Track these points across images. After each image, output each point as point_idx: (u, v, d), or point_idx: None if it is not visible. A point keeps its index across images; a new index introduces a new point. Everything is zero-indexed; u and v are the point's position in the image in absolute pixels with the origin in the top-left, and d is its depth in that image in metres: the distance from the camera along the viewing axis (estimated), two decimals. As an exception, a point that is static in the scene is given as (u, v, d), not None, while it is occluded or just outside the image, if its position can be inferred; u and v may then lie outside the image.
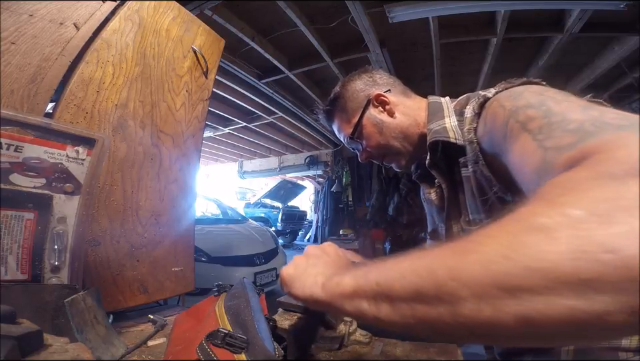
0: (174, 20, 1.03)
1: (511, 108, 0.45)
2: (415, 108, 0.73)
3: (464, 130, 0.59)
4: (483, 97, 0.53)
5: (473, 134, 0.55)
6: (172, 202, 1.02)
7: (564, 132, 0.33)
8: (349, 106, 0.76)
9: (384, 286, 0.29)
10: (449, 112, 0.65)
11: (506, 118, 0.45)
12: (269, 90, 3.64)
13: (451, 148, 0.61)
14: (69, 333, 0.50)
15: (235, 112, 4.69)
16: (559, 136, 0.33)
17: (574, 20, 2.31)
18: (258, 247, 3.64)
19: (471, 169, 0.58)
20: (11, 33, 0.68)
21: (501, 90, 0.52)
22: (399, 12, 2.25)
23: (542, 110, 0.40)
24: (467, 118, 0.58)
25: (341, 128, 0.78)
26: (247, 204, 10.19)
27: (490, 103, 0.52)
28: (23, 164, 0.56)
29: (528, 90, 0.48)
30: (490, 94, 0.53)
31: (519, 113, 0.43)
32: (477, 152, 0.55)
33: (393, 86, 0.75)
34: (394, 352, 0.66)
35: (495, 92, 0.52)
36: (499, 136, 0.47)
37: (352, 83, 0.77)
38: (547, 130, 0.36)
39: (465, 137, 0.58)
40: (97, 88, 0.83)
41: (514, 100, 0.46)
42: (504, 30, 2.47)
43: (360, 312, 0.30)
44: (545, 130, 0.36)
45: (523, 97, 0.46)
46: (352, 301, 0.31)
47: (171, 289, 0.99)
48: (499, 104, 0.49)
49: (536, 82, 0.52)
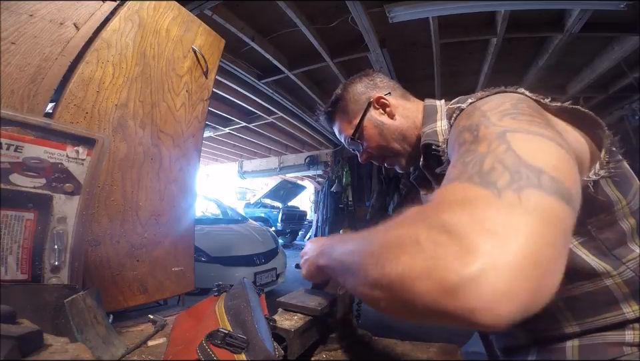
0: (174, 20, 1.03)
1: (462, 126, 0.48)
2: (414, 111, 0.75)
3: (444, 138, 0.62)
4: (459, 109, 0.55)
5: (446, 144, 0.58)
6: (172, 202, 1.02)
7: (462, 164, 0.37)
8: (350, 108, 0.77)
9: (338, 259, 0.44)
10: (441, 115, 0.68)
11: (456, 136, 0.49)
12: (269, 90, 3.64)
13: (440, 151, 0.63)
14: (69, 333, 0.50)
15: (234, 112, 4.68)
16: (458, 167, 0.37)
17: (574, 20, 2.31)
18: (258, 247, 3.64)
19: None
20: (11, 33, 0.68)
21: (474, 100, 0.53)
22: (398, 12, 2.25)
23: (473, 134, 0.43)
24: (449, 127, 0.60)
25: (342, 129, 0.80)
26: (247, 204, 10.18)
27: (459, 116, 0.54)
28: (23, 164, 0.56)
29: (488, 102, 0.50)
30: (465, 105, 0.54)
31: (462, 134, 0.46)
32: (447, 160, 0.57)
33: (393, 89, 0.78)
34: (394, 351, 0.66)
35: (469, 103, 0.54)
36: (450, 150, 0.51)
37: (353, 86, 0.79)
38: (462, 156, 0.40)
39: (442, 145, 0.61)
40: (97, 88, 0.83)
41: (467, 118, 0.49)
42: (504, 30, 2.46)
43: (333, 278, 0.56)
44: (460, 158, 0.40)
45: (473, 116, 0.48)
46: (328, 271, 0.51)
47: (171, 289, 0.99)
48: (458, 121, 0.52)
49: (510, 90, 0.52)
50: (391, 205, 5.07)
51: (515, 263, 0.24)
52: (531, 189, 0.29)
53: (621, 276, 0.51)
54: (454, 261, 0.25)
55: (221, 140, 6.17)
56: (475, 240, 0.25)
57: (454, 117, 0.55)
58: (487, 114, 0.45)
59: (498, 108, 0.46)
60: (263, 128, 5.46)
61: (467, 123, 0.47)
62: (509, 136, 0.37)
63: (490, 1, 2.16)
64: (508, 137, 0.37)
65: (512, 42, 2.75)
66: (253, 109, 4.38)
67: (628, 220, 0.52)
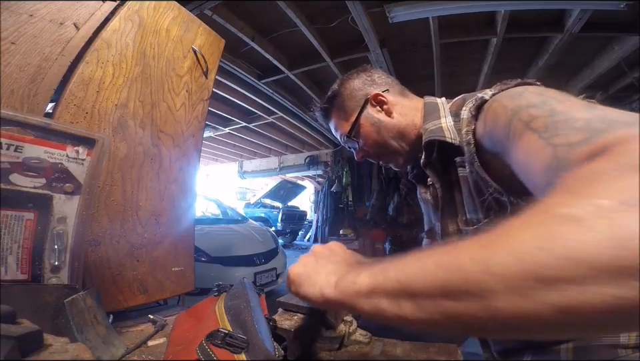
0: (174, 20, 1.03)
1: (513, 108, 0.45)
2: (412, 108, 0.73)
3: (462, 131, 0.59)
4: (480, 99, 0.53)
5: (471, 135, 0.55)
6: (172, 202, 1.02)
7: (572, 129, 0.33)
8: (346, 105, 0.76)
9: (405, 282, 0.28)
10: (444, 112, 0.66)
11: (508, 118, 0.45)
12: (269, 90, 3.64)
13: (447, 147, 0.61)
14: (69, 333, 0.50)
15: (235, 112, 4.69)
16: (567, 134, 0.33)
17: (574, 20, 2.31)
18: (258, 247, 3.64)
19: (468, 169, 0.58)
20: (11, 33, 0.68)
21: (497, 91, 0.52)
22: (398, 12, 2.25)
23: (544, 109, 0.40)
24: (464, 119, 0.58)
25: (338, 126, 0.79)
26: (247, 204, 10.18)
27: (489, 104, 0.52)
28: (23, 164, 0.56)
29: (527, 90, 0.48)
30: (487, 95, 0.52)
31: (522, 112, 0.42)
32: (473, 153, 0.55)
33: (391, 86, 0.76)
34: (394, 352, 0.66)
35: (492, 94, 0.52)
36: (501, 136, 0.47)
37: (350, 82, 0.77)
38: (552, 128, 0.36)
39: (462, 138, 0.58)
40: (97, 88, 0.83)
41: (515, 100, 0.46)
42: (504, 30, 2.47)
43: (379, 310, 0.29)
44: (550, 128, 0.36)
45: (523, 97, 0.46)
46: (370, 299, 0.30)
47: (170, 289, 0.99)
48: (500, 105, 0.49)
49: (531, 82, 0.52)
50: (391, 205, 5.07)
51: None
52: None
53: None
54: None
55: (221, 140, 6.17)
56: None
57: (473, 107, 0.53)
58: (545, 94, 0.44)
59: (548, 92, 0.44)
60: (263, 128, 5.47)
61: (522, 102, 0.44)
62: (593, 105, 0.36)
63: (490, 1, 2.16)
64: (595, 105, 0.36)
65: (512, 42, 2.75)
66: (253, 109, 4.38)
67: None
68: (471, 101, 0.56)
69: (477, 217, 0.60)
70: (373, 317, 0.31)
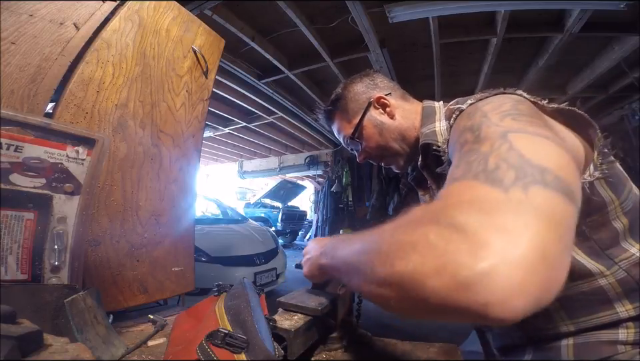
0: (174, 20, 1.03)
1: (463, 126, 0.48)
2: (413, 112, 0.75)
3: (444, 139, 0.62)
4: (458, 110, 0.55)
5: (446, 144, 0.58)
6: (172, 202, 1.02)
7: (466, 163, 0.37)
8: (350, 107, 0.78)
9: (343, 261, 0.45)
10: (439, 116, 0.68)
11: (456, 137, 0.49)
12: (269, 90, 3.64)
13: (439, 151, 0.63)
14: (69, 333, 0.50)
15: (235, 112, 4.68)
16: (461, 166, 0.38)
17: (574, 20, 2.31)
18: (258, 247, 3.64)
19: None
20: (11, 33, 0.68)
21: (474, 102, 0.54)
22: (398, 12, 2.25)
23: (475, 135, 0.43)
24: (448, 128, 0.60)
25: (342, 128, 0.80)
26: (247, 204, 10.18)
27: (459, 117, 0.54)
28: (23, 164, 0.56)
29: (489, 103, 0.50)
30: (465, 105, 0.54)
31: (464, 134, 0.46)
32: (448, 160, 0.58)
33: (393, 89, 0.78)
34: (394, 352, 0.66)
35: (469, 104, 0.54)
36: (452, 150, 0.52)
37: (354, 85, 0.79)
38: (465, 156, 0.40)
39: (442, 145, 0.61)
40: (97, 88, 0.83)
41: (468, 119, 0.49)
42: (504, 30, 2.46)
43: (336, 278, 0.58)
44: (464, 156, 0.40)
45: (475, 117, 0.48)
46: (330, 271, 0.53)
47: (170, 289, 0.99)
48: (458, 121, 0.53)
49: (509, 92, 0.53)
50: (391, 205, 5.07)
51: (526, 258, 0.25)
52: (536, 186, 0.29)
53: (615, 275, 0.52)
54: (466, 257, 0.25)
55: (221, 140, 6.17)
56: (485, 236, 0.26)
57: (453, 118, 0.55)
58: (488, 115, 0.46)
59: (499, 109, 0.46)
60: (263, 128, 5.46)
61: (469, 123, 0.47)
62: (510, 136, 0.37)
63: (490, 1, 2.16)
64: (510, 137, 0.37)
65: (512, 42, 2.75)
66: (253, 109, 4.38)
67: (621, 220, 0.53)
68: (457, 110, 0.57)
69: None
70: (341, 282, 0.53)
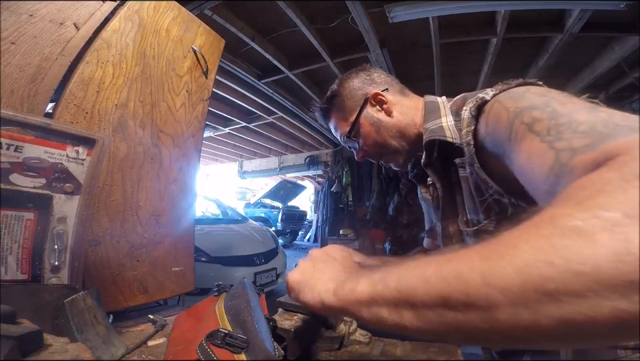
0: (174, 20, 1.03)
1: (514, 110, 0.44)
2: (412, 108, 0.73)
3: (462, 131, 0.58)
4: (481, 99, 0.52)
5: (471, 136, 0.54)
6: (172, 202, 1.02)
7: (575, 133, 0.33)
8: (346, 105, 0.75)
9: (405, 292, 0.28)
10: (445, 111, 0.65)
11: (510, 120, 0.44)
12: (269, 90, 3.64)
13: (447, 147, 0.61)
14: (69, 333, 0.50)
15: (235, 112, 4.69)
16: (570, 138, 0.33)
17: (574, 20, 2.31)
18: (258, 247, 3.64)
19: (468, 170, 0.57)
20: (11, 33, 0.68)
21: (498, 92, 0.51)
22: (398, 12, 2.25)
23: (547, 111, 0.39)
24: (465, 119, 0.57)
25: (338, 126, 0.78)
26: (247, 204, 10.19)
27: (491, 105, 0.51)
28: (23, 164, 0.56)
29: (529, 91, 0.47)
30: (488, 96, 0.52)
31: (524, 114, 0.42)
32: (472, 154, 0.54)
33: (391, 85, 0.75)
34: (394, 351, 0.66)
35: (493, 94, 0.51)
36: (502, 137, 0.46)
37: (350, 81, 0.76)
38: (555, 131, 0.35)
39: (462, 138, 0.57)
40: (97, 88, 0.83)
41: (516, 101, 0.46)
42: (504, 30, 2.47)
43: (379, 319, 0.30)
44: (553, 131, 0.36)
45: (525, 98, 0.45)
46: (369, 308, 0.31)
47: (170, 289, 0.99)
48: (501, 106, 0.48)
49: (532, 82, 0.51)
50: (391, 205, 5.07)
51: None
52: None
53: None
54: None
55: (221, 140, 6.17)
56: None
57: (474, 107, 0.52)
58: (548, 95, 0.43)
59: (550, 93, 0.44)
60: (263, 128, 5.47)
61: (524, 104, 0.44)
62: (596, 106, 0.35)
63: (490, 1, 2.16)
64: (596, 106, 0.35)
65: (512, 42, 2.75)
66: (253, 109, 4.38)
67: None
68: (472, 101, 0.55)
69: (477, 218, 0.60)
70: (373, 325, 0.31)
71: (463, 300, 0.24)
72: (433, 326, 0.26)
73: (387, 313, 0.29)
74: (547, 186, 0.34)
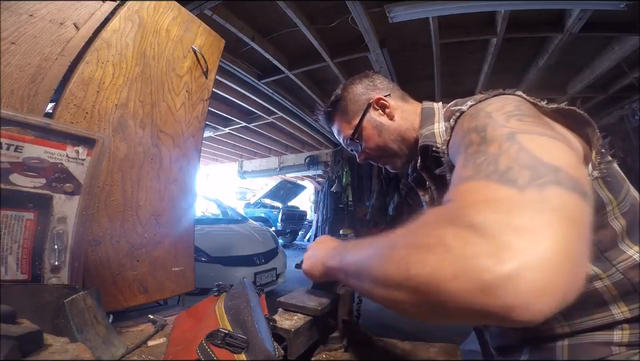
0: (174, 20, 1.03)
1: (467, 127, 0.48)
2: (412, 113, 0.76)
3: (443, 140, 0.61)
4: (459, 111, 0.55)
5: (446, 145, 0.58)
6: (172, 202, 1.02)
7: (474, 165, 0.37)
8: (350, 109, 0.78)
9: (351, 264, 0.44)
10: (438, 117, 0.68)
11: (460, 137, 0.49)
12: (269, 90, 3.64)
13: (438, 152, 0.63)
14: (69, 333, 0.50)
15: (234, 112, 4.69)
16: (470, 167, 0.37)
17: (574, 20, 2.31)
18: (258, 247, 3.64)
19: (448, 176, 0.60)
20: (11, 33, 0.68)
21: (475, 102, 0.54)
22: (398, 12, 2.25)
23: (480, 135, 0.43)
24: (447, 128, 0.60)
25: (341, 129, 0.81)
26: (247, 204, 10.17)
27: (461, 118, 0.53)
28: (23, 164, 0.56)
29: (491, 104, 0.50)
30: (465, 107, 0.54)
31: (468, 135, 0.46)
32: (447, 162, 0.58)
33: (392, 91, 0.78)
34: (394, 351, 0.66)
35: (470, 105, 0.54)
36: (454, 152, 0.51)
37: (353, 86, 0.79)
38: (472, 157, 0.39)
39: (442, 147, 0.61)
40: (97, 88, 0.83)
41: (471, 120, 0.49)
42: (504, 30, 2.47)
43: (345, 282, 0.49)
44: (471, 157, 0.39)
45: (478, 118, 0.48)
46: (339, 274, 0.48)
47: (170, 289, 0.99)
48: (461, 122, 0.52)
49: (509, 93, 0.53)
50: (391, 205, 5.07)
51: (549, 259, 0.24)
52: (552, 186, 0.29)
53: (610, 278, 0.51)
54: (487, 259, 0.25)
55: (221, 140, 6.17)
56: (505, 237, 0.25)
57: (453, 119, 0.55)
58: (493, 116, 0.45)
59: (502, 110, 0.46)
60: (263, 128, 5.47)
61: (472, 124, 0.47)
62: (519, 137, 0.37)
63: (490, 1, 2.16)
64: (518, 138, 0.37)
65: (512, 42, 2.75)
66: (253, 109, 4.38)
67: (619, 221, 0.53)
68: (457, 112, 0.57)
69: None
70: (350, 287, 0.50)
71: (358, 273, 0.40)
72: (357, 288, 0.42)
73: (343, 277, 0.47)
74: None
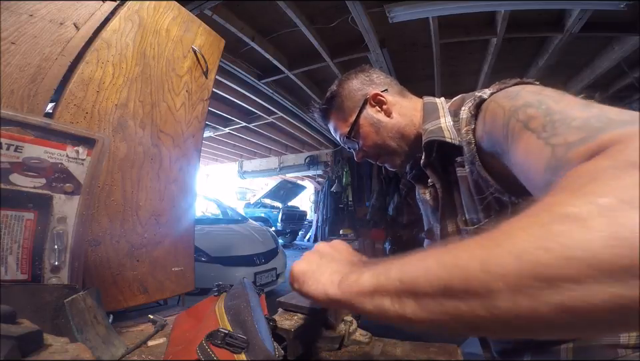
0: (174, 20, 1.03)
1: (510, 108, 0.45)
2: (411, 108, 0.73)
3: (461, 130, 0.58)
4: (479, 98, 0.53)
5: (471, 135, 0.55)
6: (172, 202, 1.02)
7: (569, 128, 0.33)
8: (345, 105, 0.75)
9: (408, 282, 0.28)
10: (444, 112, 0.65)
11: (506, 118, 0.45)
12: (269, 90, 3.64)
13: (446, 148, 0.61)
14: (69, 333, 0.50)
15: (234, 112, 4.69)
16: (564, 133, 0.33)
17: (574, 20, 2.31)
18: (258, 247, 3.64)
19: (468, 169, 0.58)
20: (11, 33, 0.68)
21: (495, 91, 0.52)
22: (398, 12, 2.25)
23: (542, 108, 0.40)
24: (464, 119, 0.58)
25: (338, 127, 0.78)
26: (247, 204, 10.18)
27: (487, 104, 0.52)
28: (23, 164, 0.56)
29: (525, 89, 0.48)
30: (485, 95, 0.53)
31: (519, 113, 0.43)
32: (473, 152, 0.55)
33: (390, 85, 0.75)
34: (394, 352, 0.66)
35: (490, 93, 0.52)
36: (499, 136, 0.47)
37: (349, 82, 0.76)
38: (550, 128, 0.36)
39: (462, 137, 0.58)
40: (97, 88, 0.83)
41: (512, 100, 0.46)
42: (504, 30, 2.47)
43: (382, 310, 0.29)
44: (548, 128, 0.36)
45: (520, 97, 0.46)
46: (372, 299, 0.30)
47: (170, 289, 0.99)
48: (497, 105, 0.49)
49: (529, 82, 0.52)
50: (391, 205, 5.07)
51: None
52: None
53: None
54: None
55: (221, 140, 6.17)
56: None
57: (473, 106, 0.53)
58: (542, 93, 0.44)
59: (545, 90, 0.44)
60: (263, 128, 5.47)
61: (519, 102, 0.44)
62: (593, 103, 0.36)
63: (490, 1, 2.16)
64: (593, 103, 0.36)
65: (512, 42, 2.75)
66: (253, 109, 4.38)
67: None
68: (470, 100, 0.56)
69: (477, 217, 0.60)
70: (375, 317, 0.30)
71: (463, 287, 0.24)
72: (435, 315, 0.26)
73: (389, 303, 0.29)
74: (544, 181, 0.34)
